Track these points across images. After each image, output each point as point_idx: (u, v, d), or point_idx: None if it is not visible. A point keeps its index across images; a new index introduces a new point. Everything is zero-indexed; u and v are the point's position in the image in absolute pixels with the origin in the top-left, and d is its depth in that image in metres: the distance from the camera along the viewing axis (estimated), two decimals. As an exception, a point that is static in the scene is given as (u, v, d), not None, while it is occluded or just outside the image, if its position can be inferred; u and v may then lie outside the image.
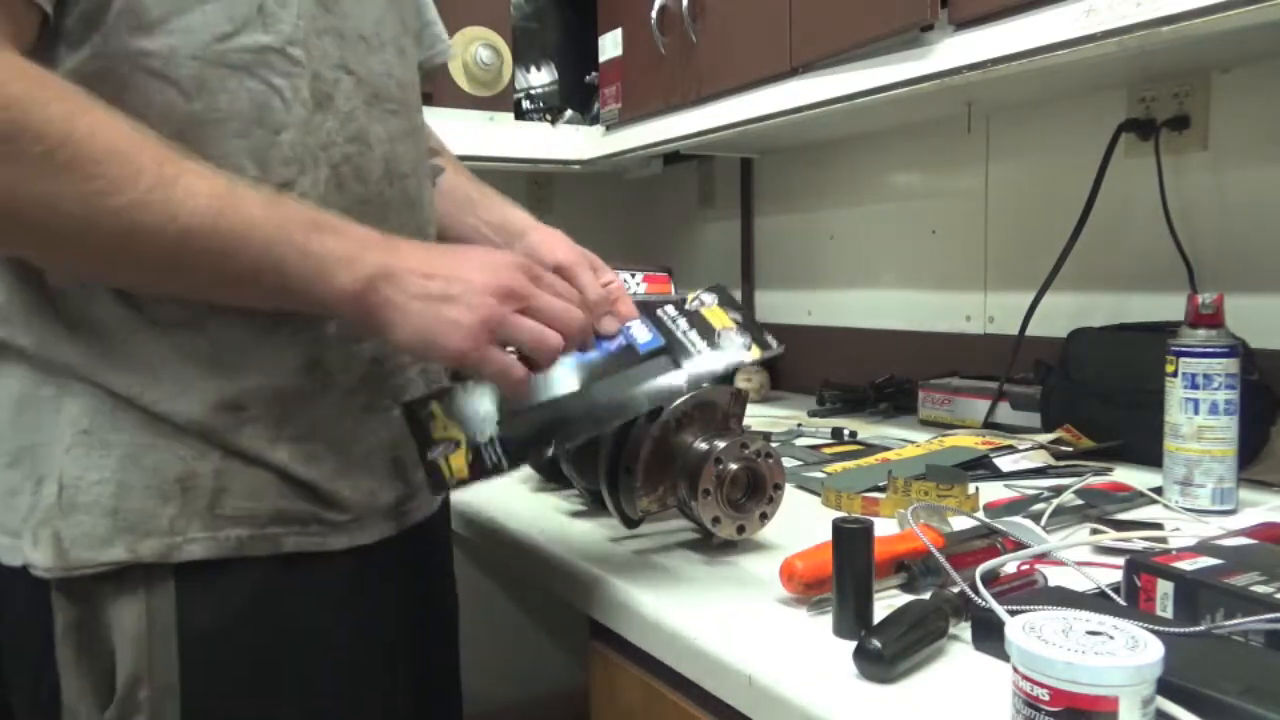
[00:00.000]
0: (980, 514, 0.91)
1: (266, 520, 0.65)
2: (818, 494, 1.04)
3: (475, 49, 1.75)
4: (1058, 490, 0.95)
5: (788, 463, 1.04)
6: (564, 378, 0.72)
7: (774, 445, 0.88)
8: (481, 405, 0.70)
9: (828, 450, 1.27)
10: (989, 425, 1.32)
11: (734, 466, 0.83)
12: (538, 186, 2.17)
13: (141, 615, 0.62)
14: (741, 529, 0.85)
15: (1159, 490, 0.97)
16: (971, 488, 0.96)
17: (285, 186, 0.65)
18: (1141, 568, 0.66)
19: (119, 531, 0.61)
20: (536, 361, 0.65)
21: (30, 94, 0.53)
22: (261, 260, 0.58)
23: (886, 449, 1.22)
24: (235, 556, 0.64)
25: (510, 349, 0.65)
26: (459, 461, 0.69)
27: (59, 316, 0.63)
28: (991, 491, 1.00)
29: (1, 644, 0.68)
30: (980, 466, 1.10)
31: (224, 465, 0.64)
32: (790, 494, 0.95)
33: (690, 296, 0.81)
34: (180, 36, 0.60)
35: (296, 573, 0.67)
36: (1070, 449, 1.14)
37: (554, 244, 0.82)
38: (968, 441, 1.19)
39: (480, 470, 0.69)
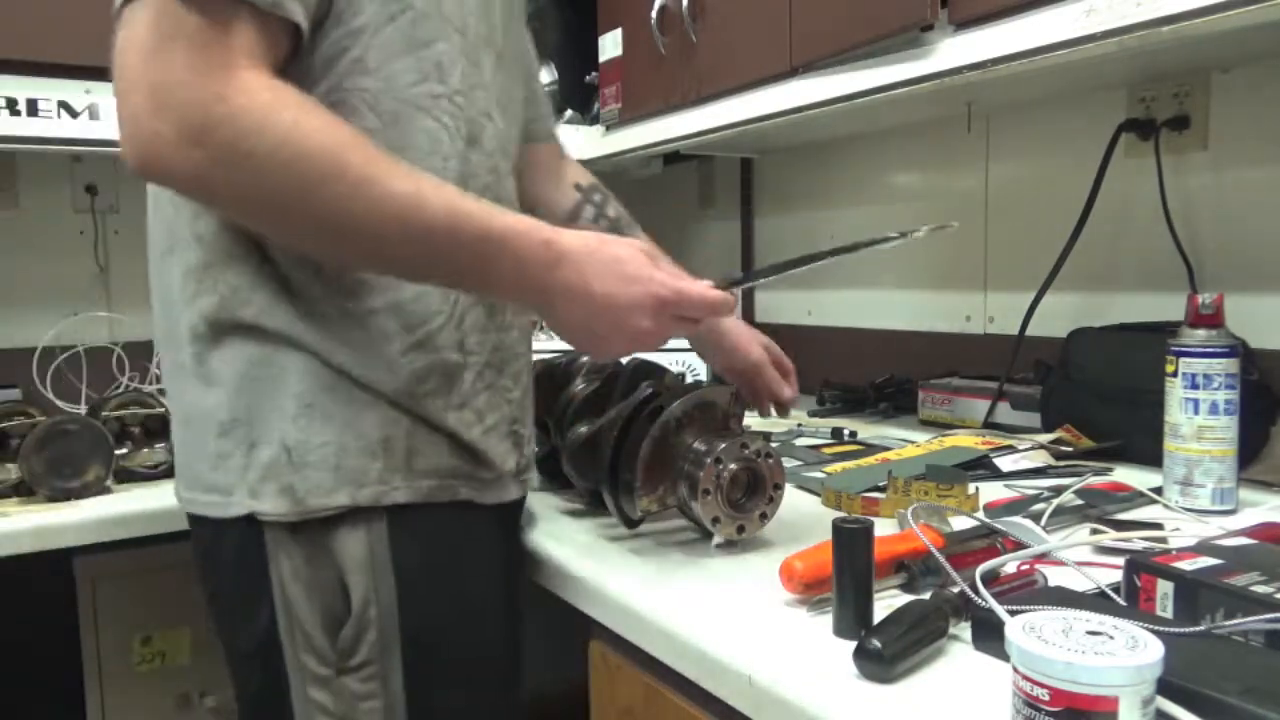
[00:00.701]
0: (980, 514, 0.91)
1: (446, 474, 0.81)
2: (818, 494, 1.04)
3: (475, 49, 1.75)
4: (1058, 490, 0.95)
5: (788, 463, 1.04)
6: None
7: (774, 445, 0.88)
8: None
9: (828, 450, 1.27)
10: (989, 425, 1.32)
11: (734, 466, 0.83)
12: (538, 186, 2.17)
13: (366, 550, 0.78)
14: (741, 529, 0.85)
15: (1159, 490, 0.97)
16: (971, 488, 0.96)
17: None
18: (1141, 568, 0.66)
19: (341, 483, 0.77)
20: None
21: (269, 103, 0.67)
22: (436, 255, 0.72)
23: (886, 449, 1.22)
24: (426, 502, 0.80)
25: None
26: None
27: (292, 302, 0.77)
28: (991, 491, 1.00)
29: (219, 587, 0.83)
30: (980, 466, 1.10)
31: (413, 429, 0.79)
32: (790, 494, 0.95)
33: None
34: (385, 81, 0.76)
35: (467, 519, 0.83)
36: (1070, 449, 1.14)
37: (751, 343, 1.13)
38: (968, 441, 1.19)
39: None
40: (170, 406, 0.85)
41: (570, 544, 0.91)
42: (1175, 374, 0.93)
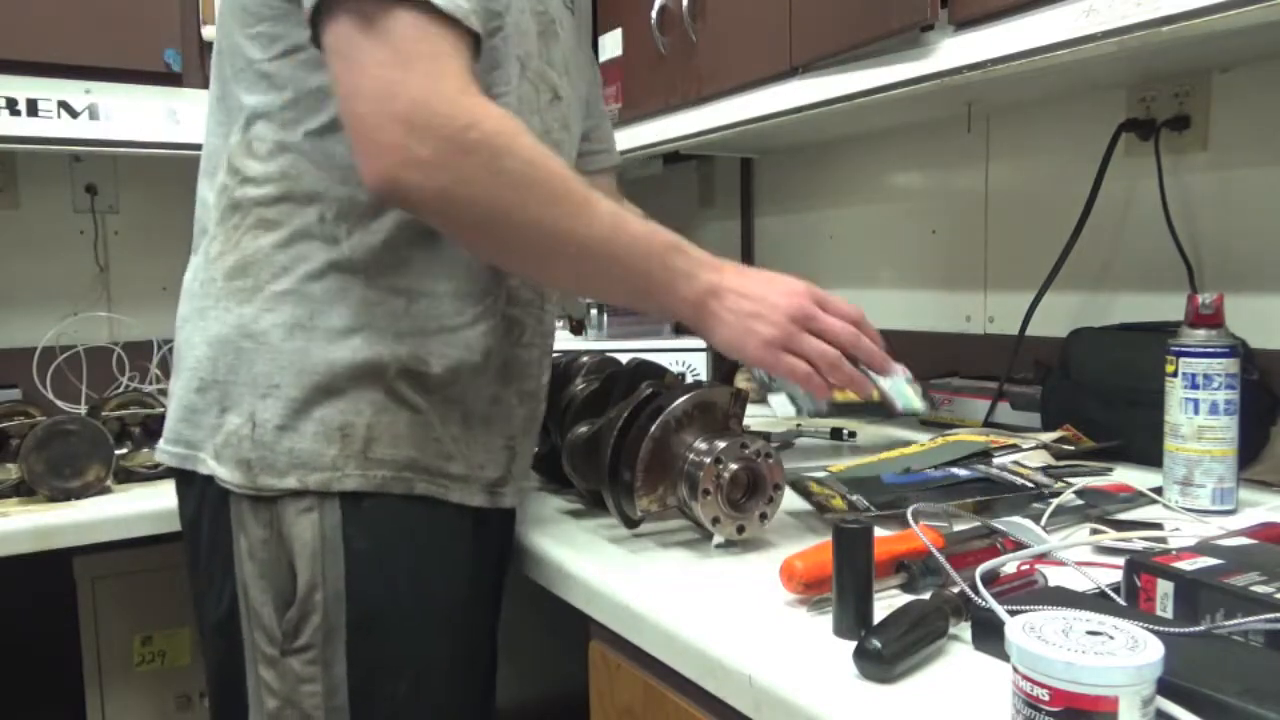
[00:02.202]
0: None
1: (404, 465, 0.81)
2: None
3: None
4: (1058, 490, 0.95)
5: (787, 463, 1.04)
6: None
7: (774, 445, 0.88)
8: (777, 399, 1.05)
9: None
10: (989, 425, 1.32)
11: (734, 466, 0.83)
12: (538, 186, 2.18)
13: (316, 534, 0.79)
14: (741, 529, 0.85)
15: (1159, 490, 0.97)
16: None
17: None
18: (1141, 568, 0.66)
19: (294, 466, 0.78)
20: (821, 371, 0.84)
21: (513, 128, 0.73)
22: (636, 268, 0.80)
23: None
24: (380, 491, 0.80)
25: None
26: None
27: (295, 277, 0.80)
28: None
29: (196, 554, 0.86)
30: (983, 459, 1.10)
31: (377, 417, 0.80)
32: (790, 494, 0.95)
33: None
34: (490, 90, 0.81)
35: (430, 514, 0.83)
36: (1071, 449, 1.14)
37: None
38: (972, 436, 1.18)
39: None
40: (175, 351, 0.88)
41: (570, 544, 0.91)
42: (1175, 374, 0.93)
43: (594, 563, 0.85)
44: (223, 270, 0.82)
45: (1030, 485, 0.94)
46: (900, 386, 0.99)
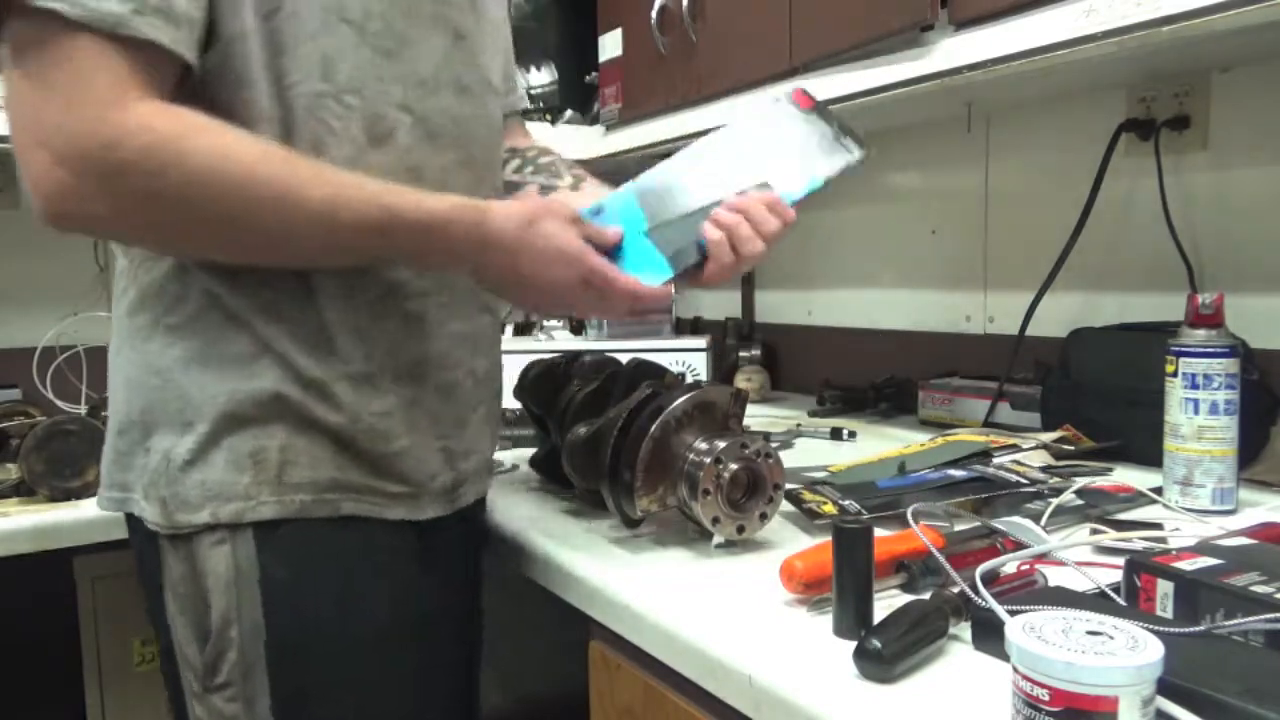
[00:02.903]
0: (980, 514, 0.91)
1: (326, 487, 0.77)
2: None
3: (475, 49, 1.75)
4: (1058, 490, 0.95)
5: (787, 462, 1.04)
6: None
7: (774, 445, 0.88)
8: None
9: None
10: (989, 425, 1.32)
11: (734, 466, 0.83)
12: (538, 186, 2.17)
13: (230, 567, 0.75)
14: (741, 529, 0.85)
15: (1159, 490, 0.97)
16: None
17: None
18: (1141, 568, 0.66)
19: (206, 499, 0.75)
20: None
21: (178, 131, 0.66)
22: (367, 252, 0.74)
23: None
24: (300, 517, 0.76)
25: None
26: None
27: (172, 312, 0.76)
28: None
29: (146, 590, 0.83)
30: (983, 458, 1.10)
31: (290, 440, 0.76)
32: (790, 494, 0.95)
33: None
34: (269, 84, 0.73)
35: (361, 535, 0.79)
36: (1071, 449, 1.14)
37: None
38: (971, 436, 1.18)
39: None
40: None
41: (570, 544, 0.91)
42: (1175, 374, 0.93)
43: (594, 563, 0.85)
44: (125, 307, 0.79)
45: (1029, 485, 0.94)
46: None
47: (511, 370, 1.19)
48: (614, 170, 2.14)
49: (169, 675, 0.83)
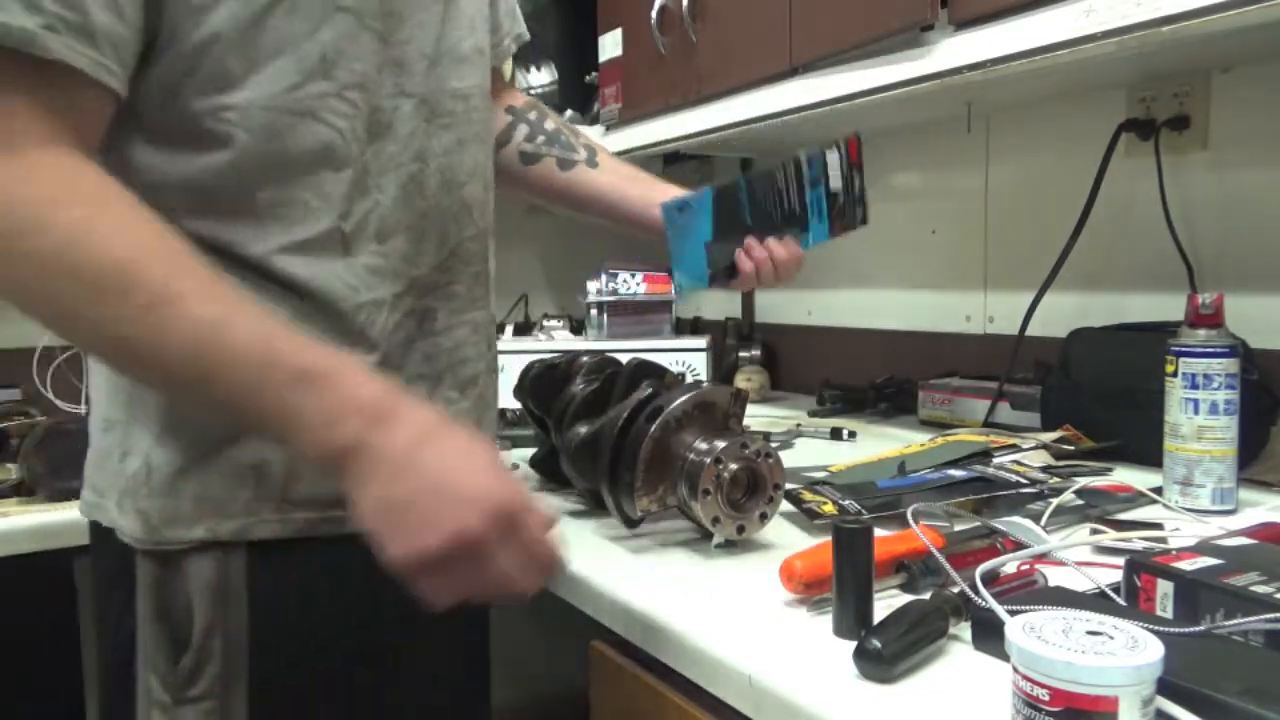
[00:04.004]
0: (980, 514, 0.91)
1: (330, 503, 0.69)
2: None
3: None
4: (1058, 490, 0.95)
5: (787, 462, 1.04)
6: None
7: (774, 445, 0.88)
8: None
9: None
10: (989, 425, 1.32)
11: (734, 466, 0.83)
12: (538, 186, 2.17)
13: (218, 576, 0.69)
14: (741, 529, 0.85)
15: (1159, 490, 0.97)
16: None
17: (345, 216, 0.71)
18: (1141, 568, 0.66)
19: (202, 514, 0.69)
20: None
21: (55, 196, 0.56)
22: (237, 395, 0.59)
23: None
24: (302, 536, 0.71)
25: None
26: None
27: None
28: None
29: (95, 593, 0.77)
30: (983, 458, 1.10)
31: (293, 454, 0.68)
32: (790, 494, 0.95)
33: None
34: (255, 90, 0.65)
35: (361, 549, 0.67)
36: (1071, 449, 1.14)
37: None
38: (972, 436, 1.18)
39: None
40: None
41: (570, 544, 0.91)
42: (1175, 374, 0.93)
43: (594, 563, 0.85)
44: None
45: (1029, 485, 0.94)
46: None
47: (512, 370, 1.19)
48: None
49: (111, 688, 0.76)
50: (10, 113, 0.56)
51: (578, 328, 1.80)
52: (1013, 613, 0.55)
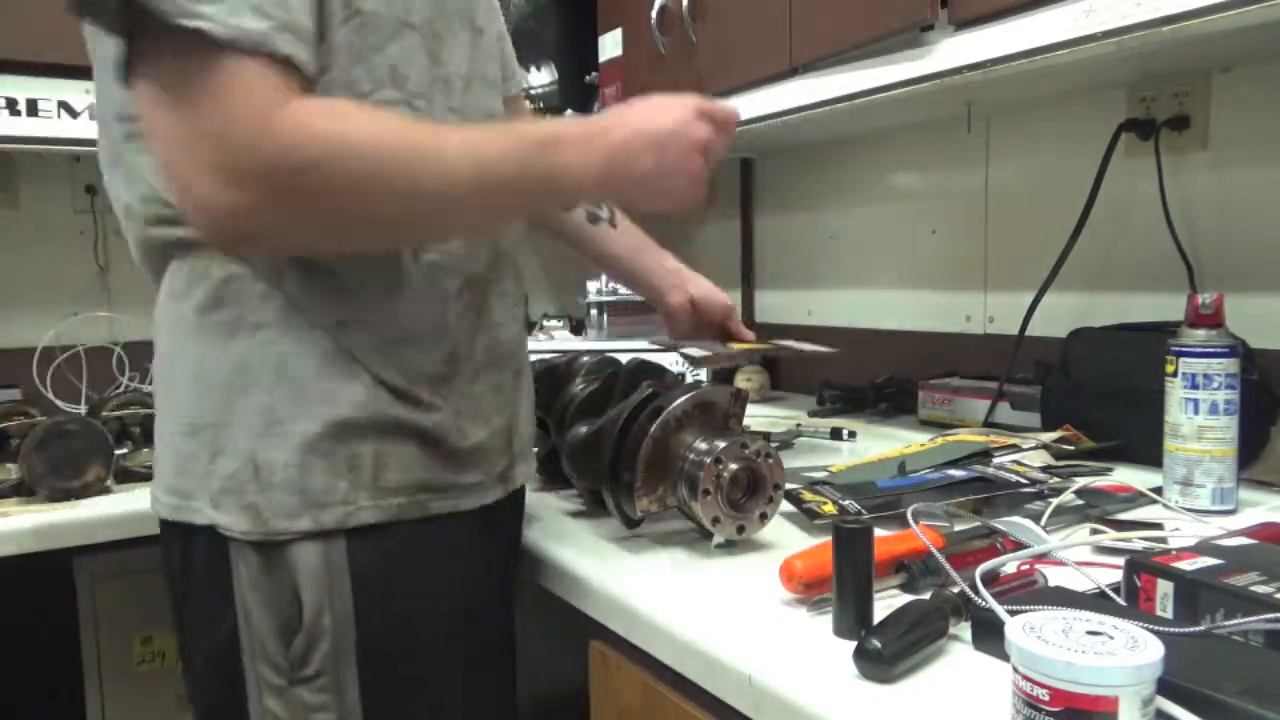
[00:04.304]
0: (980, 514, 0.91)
1: (418, 488, 0.79)
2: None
3: (475, 49, 1.75)
4: (1058, 490, 0.95)
5: (788, 462, 1.04)
6: None
7: (774, 445, 0.88)
8: None
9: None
10: (989, 425, 1.32)
11: (734, 466, 0.83)
12: (538, 186, 2.17)
13: (321, 561, 0.75)
14: (741, 529, 0.85)
15: (1159, 490, 0.97)
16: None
17: None
18: (1141, 568, 0.66)
19: (306, 506, 0.75)
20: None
21: (329, 122, 0.67)
22: (521, 187, 0.73)
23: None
24: (395, 520, 0.77)
25: None
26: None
27: (274, 303, 0.75)
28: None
29: (187, 593, 0.81)
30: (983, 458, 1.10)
31: (382, 443, 0.77)
32: (790, 494, 0.95)
33: None
34: (343, 91, 0.74)
35: (440, 529, 0.80)
36: (1071, 449, 1.14)
37: (716, 289, 1.20)
38: (971, 436, 1.19)
39: None
40: (155, 398, 0.83)
41: (570, 544, 0.91)
42: (1175, 374, 0.93)
43: (594, 563, 0.85)
44: (195, 304, 0.76)
45: (1029, 485, 0.94)
46: None
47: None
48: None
49: (217, 676, 0.80)
50: (270, 87, 0.65)
51: (578, 328, 1.80)
52: (1013, 613, 0.55)
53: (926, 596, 0.66)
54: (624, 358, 1.10)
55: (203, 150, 0.64)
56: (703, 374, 1.60)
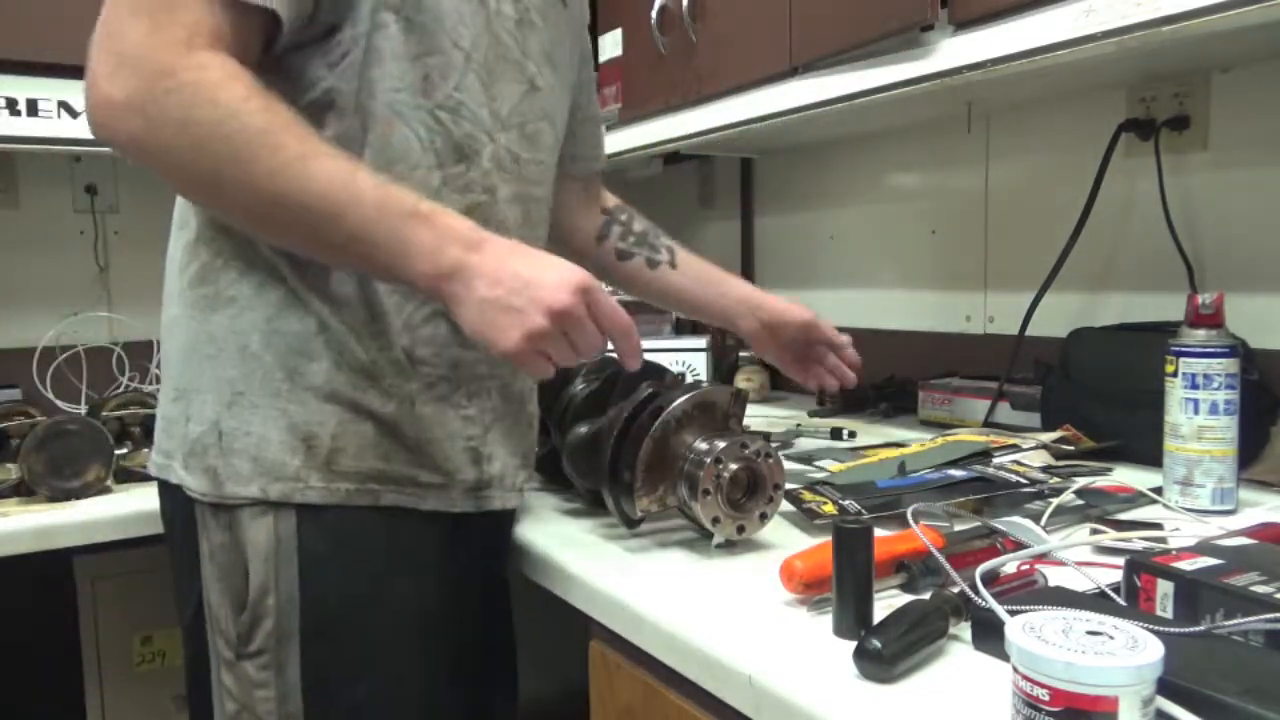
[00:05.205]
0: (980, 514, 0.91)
1: (369, 477, 0.81)
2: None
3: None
4: (1058, 490, 0.95)
5: (787, 463, 1.04)
6: None
7: (774, 445, 0.88)
8: None
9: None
10: (989, 425, 1.32)
11: (734, 466, 0.83)
12: (538, 186, 2.18)
13: (271, 538, 0.78)
14: (741, 529, 0.85)
15: (1159, 490, 0.97)
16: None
17: None
18: (1141, 568, 0.66)
19: (257, 474, 0.78)
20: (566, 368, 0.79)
21: (224, 79, 0.69)
22: (361, 233, 0.71)
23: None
24: (343, 504, 0.80)
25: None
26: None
27: (250, 282, 0.79)
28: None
29: (173, 555, 0.88)
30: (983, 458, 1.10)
31: (341, 427, 0.80)
32: (790, 494, 0.95)
33: None
34: (367, 83, 0.78)
35: (395, 522, 0.82)
36: (1071, 449, 1.14)
37: (792, 307, 1.17)
38: (971, 436, 1.19)
39: None
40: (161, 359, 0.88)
41: (570, 544, 0.91)
42: (1175, 374, 0.93)
43: (594, 563, 0.85)
44: (188, 279, 0.82)
45: (1029, 485, 0.94)
46: None
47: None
48: (615, 169, 2.14)
49: (194, 646, 0.86)
50: (194, 22, 0.69)
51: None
52: (1013, 613, 0.55)
53: (926, 596, 0.66)
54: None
55: (118, 40, 0.69)
56: (703, 374, 1.60)
